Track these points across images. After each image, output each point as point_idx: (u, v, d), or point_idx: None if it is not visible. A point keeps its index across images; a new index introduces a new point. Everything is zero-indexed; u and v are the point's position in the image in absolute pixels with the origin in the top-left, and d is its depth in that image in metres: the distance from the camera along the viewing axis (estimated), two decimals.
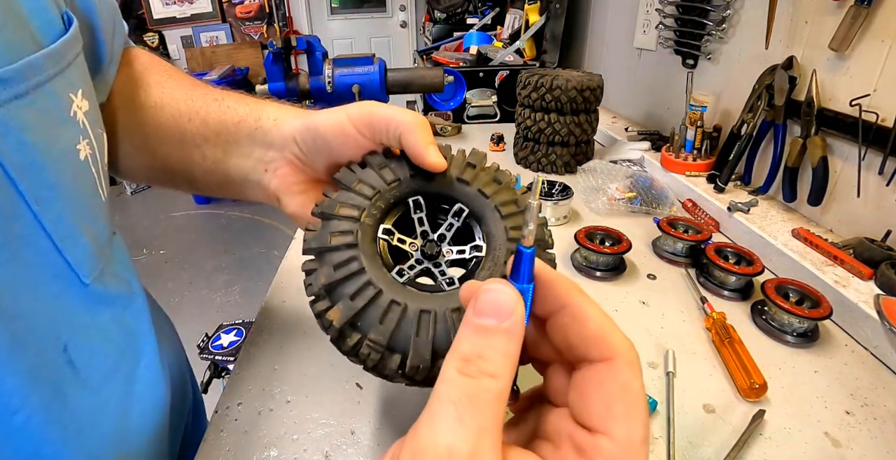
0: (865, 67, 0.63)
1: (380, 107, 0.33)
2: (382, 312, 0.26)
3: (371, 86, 1.09)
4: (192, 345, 1.58)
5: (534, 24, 1.79)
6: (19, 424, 0.24)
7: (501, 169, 0.33)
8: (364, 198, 0.30)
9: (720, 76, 0.94)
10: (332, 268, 0.27)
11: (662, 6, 1.06)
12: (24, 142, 0.24)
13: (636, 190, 0.86)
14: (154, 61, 0.44)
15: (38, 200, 0.24)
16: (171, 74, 0.43)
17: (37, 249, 0.25)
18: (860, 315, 0.53)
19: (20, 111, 0.24)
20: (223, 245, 2.91)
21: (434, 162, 0.29)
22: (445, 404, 0.16)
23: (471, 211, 0.31)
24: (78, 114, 0.28)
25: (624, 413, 0.18)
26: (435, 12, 2.98)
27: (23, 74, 0.24)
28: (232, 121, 0.38)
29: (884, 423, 0.43)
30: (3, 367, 0.23)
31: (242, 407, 0.44)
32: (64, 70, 0.27)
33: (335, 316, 0.26)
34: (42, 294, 0.26)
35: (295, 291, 0.61)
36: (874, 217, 0.64)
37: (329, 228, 0.28)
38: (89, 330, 0.29)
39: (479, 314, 0.18)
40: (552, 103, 0.94)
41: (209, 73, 3.57)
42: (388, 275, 0.28)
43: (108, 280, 0.31)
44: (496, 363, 0.17)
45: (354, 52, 1.20)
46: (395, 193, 0.30)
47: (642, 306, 0.59)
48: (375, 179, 0.30)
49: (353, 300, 0.26)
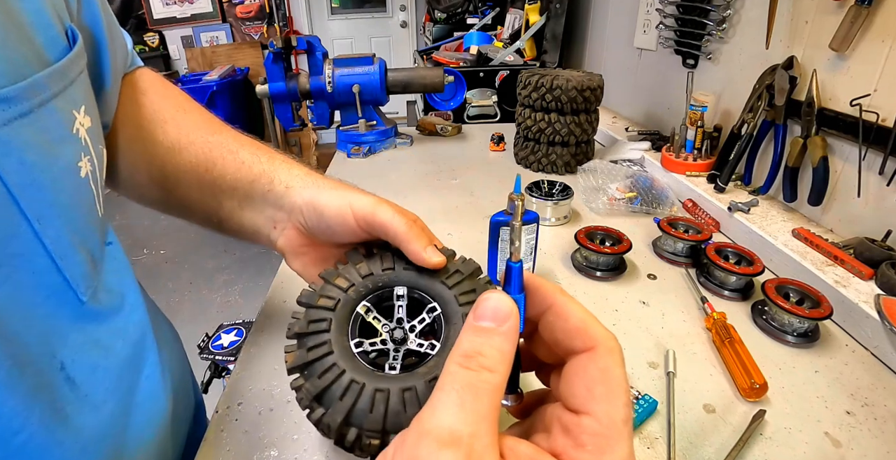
0: (866, 67, 0.63)
1: (380, 207, 0.35)
2: (343, 390, 0.29)
3: (371, 86, 1.10)
4: (192, 344, 1.58)
5: (534, 24, 1.79)
6: (19, 445, 0.24)
7: (484, 282, 0.36)
8: (348, 284, 0.33)
9: (720, 76, 0.94)
10: (306, 351, 0.31)
11: (663, 6, 1.06)
12: (25, 161, 0.23)
13: (636, 190, 0.86)
14: (165, 88, 0.45)
15: (40, 218, 0.24)
16: (185, 108, 0.44)
17: (34, 268, 0.25)
18: (860, 315, 0.53)
19: (23, 130, 0.23)
20: (223, 245, 2.91)
21: (434, 262, 0.32)
22: (448, 392, 0.18)
23: (442, 312, 0.34)
24: (80, 131, 0.28)
25: (605, 394, 0.20)
26: (435, 12, 2.98)
27: (27, 93, 0.24)
28: (247, 179, 0.40)
29: (884, 423, 0.43)
30: (3, 389, 0.23)
31: (243, 407, 0.44)
32: (67, 87, 0.27)
33: (304, 391, 0.30)
34: (37, 313, 0.25)
35: (295, 291, 0.61)
36: (874, 217, 0.64)
37: (307, 317, 0.32)
38: (87, 346, 0.29)
39: (478, 318, 0.20)
40: (552, 103, 0.94)
41: (209, 73, 3.57)
42: (350, 348, 0.32)
43: (103, 295, 0.31)
44: (493, 358, 0.19)
45: (355, 52, 1.20)
46: (385, 278, 0.34)
47: (643, 306, 0.59)
48: (353, 274, 0.34)
49: (320, 378, 0.30)
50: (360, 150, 1.14)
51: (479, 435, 0.17)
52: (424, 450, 0.16)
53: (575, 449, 0.19)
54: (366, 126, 1.15)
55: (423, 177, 1.01)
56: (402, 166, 1.09)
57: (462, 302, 0.34)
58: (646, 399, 0.44)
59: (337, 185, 0.39)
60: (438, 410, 0.18)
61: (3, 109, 0.22)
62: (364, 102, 1.12)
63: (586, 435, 0.19)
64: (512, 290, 0.22)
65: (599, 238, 0.67)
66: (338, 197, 0.37)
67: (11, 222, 0.23)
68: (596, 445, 0.19)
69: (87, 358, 0.29)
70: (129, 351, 0.34)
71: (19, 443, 0.24)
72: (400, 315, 0.34)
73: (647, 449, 0.40)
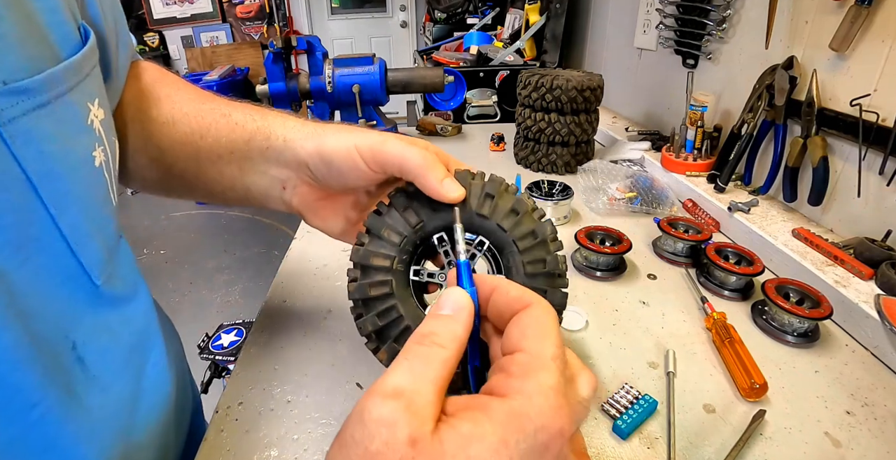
0: (866, 67, 0.63)
1: (387, 142, 0.34)
2: (399, 333, 0.32)
3: (371, 86, 1.09)
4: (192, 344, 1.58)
5: (534, 24, 1.79)
6: (35, 419, 0.25)
7: (517, 194, 0.35)
8: (392, 246, 0.33)
9: (720, 76, 0.94)
10: (377, 317, 0.33)
11: (663, 6, 1.06)
12: (44, 151, 0.25)
13: (636, 190, 0.86)
14: (161, 73, 0.45)
15: (57, 205, 0.26)
16: (179, 86, 0.43)
17: (52, 252, 0.26)
18: (860, 315, 0.53)
19: (41, 120, 0.25)
20: (223, 245, 2.91)
21: (453, 197, 0.32)
22: (401, 361, 0.21)
23: (491, 242, 0.34)
24: (94, 122, 0.30)
25: (535, 334, 0.22)
26: (435, 12, 2.98)
27: (45, 86, 0.25)
28: (242, 140, 0.39)
29: (884, 423, 0.43)
30: (22, 364, 0.24)
31: (243, 407, 0.44)
32: (81, 81, 0.28)
33: (384, 356, 0.33)
34: (54, 294, 0.27)
35: (295, 291, 0.61)
36: (874, 217, 0.64)
37: (367, 278, 0.33)
38: (98, 329, 0.30)
39: (439, 308, 0.24)
40: (552, 103, 0.94)
41: (209, 73, 3.57)
42: (420, 312, 0.33)
43: (116, 282, 0.32)
44: (445, 338, 0.22)
45: (355, 52, 1.20)
46: (421, 235, 0.34)
47: (643, 306, 0.59)
48: (402, 225, 0.33)
49: (396, 342, 0.32)
50: None
51: (421, 393, 0.19)
52: (370, 403, 0.19)
53: (505, 380, 0.21)
54: (366, 126, 1.15)
55: None
56: None
57: (507, 227, 0.33)
58: (646, 399, 0.44)
59: (339, 129, 0.37)
60: (389, 374, 0.20)
61: (23, 100, 0.24)
62: (364, 102, 1.12)
63: (515, 365, 0.21)
64: (464, 284, 0.26)
65: (599, 238, 0.67)
66: (341, 140, 0.36)
67: (30, 208, 0.25)
68: (522, 371, 0.21)
69: (97, 341, 0.30)
70: (136, 338, 0.35)
71: (36, 417, 0.25)
72: (449, 258, 0.34)
73: (647, 449, 0.40)
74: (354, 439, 0.19)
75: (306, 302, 0.59)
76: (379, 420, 0.18)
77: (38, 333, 0.26)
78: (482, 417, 0.19)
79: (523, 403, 0.20)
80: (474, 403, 0.20)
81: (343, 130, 0.37)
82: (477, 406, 0.20)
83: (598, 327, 0.55)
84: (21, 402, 0.25)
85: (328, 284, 0.62)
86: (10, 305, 0.24)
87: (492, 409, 0.20)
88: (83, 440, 0.28)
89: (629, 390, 0.45)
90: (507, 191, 0.34)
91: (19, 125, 0.24)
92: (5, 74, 0.23)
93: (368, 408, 0.19)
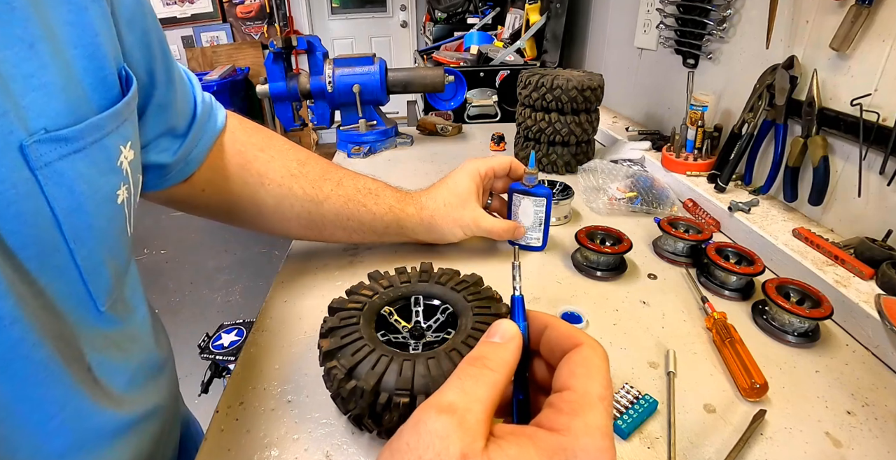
0: (867, 67, 0.63)
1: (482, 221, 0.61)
2: (374, 362, 0.36)
3: (372, 85, 1.10)
4: (192, 344, 1.58)
5: (534, 23, 1.79)
6: (54, 428, 0.27)
7: (486, 285, 0.46)
8: (373, 292, 0.44)
9: (721, 76, 0.94)
10: (339, 338, 0.38)
11: (663, 6, 1.05)
12: (74, 190, 0.26)
13: (637, 189, 0.86)
14: (288, 146, 0.58)
15: (76, 239, 0.27)
16: (304, 162, 0.57)
17: (67, 280, 0.28)
18: (861, 315, 0.53)
19: (76, 163, 0.26)
20: (224, 244, 2.91)
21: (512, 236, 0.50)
22: (454, 380, 0.22)
23: (454, 309, 0.42)
24: (124, 163, 0.31)
25: (584, 373, 0.23)
26: (435, 12, 2.97)
27: (85, 133, 0.26)
28: (382, 226, 0.60)
29: (885, 423, 0.43)
30: (50, 378, 0.26)
31: (244, 407, 0.44)
32: (120, 125, 0.30)
33: (338, 368, 0.36)
34: (67, 318, 0.28)
35: (296, 291, 0.61)
36: (875, 217, 0.64)
37: (339, 316, 0.41)
38: (106, 347, 0.32)
39: (488, 335, 0.25)
40: (553, 103, 0.94)
41: (210, 73, 3.57)
42: (377, 338, 0.39)
43: (119, 306, 0.34)
44: (496, 362, 0.23)
45: (355, 52, 1.20)
46: (405, 290, 0.44)
47: (643, 306, 0.59)
48: (387, 282, 0.45)
49: (353, 356, 0.36)
50: (361, 150, 1.14)
51: (472, 411, 0.21)
52: (426, 415, 0.21)
53: (554, 415, 0.22)
54: (366, 126, 1.15)
55: (424, 176, 1.01)
56: (402, 166, 1.09)
57: (470, 299, 0.41)
58: (646, 399, 0.44)
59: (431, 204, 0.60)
60: (444, 391, 0.22)
61: (62, 146, 0.25)
62: (364, 102, 1.12)
63: (564, 402, 0.22)
64: (517, 319, 0.27)
65: (600, 238, 0.67)
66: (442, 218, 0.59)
67: (53, 241, 0.26)
68: (571, 408, 0.21)
69: (106, 358, 0.32)
70: (142, 355, 0.37)
71: (54, 427, 0.28)
72: (418, 318, 0.42)
73: (647, 449, 0.40)
74: (409, 447, 0.20)
75: (307, 301, 0.59)
76: (433, 432, 0.20)
77: (61, 350, 0.27)
78: (529, 444, 0.20)
79: (571, 440, 0.20)
80: (521, 431, 0.21)
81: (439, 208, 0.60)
82: (524, 434, 0.21)
83: (599, 327, 0.55)
84: (41, 414, 0.26)
85: (329, 284, 0.62)
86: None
87: (539, 439, 0.21)
88: (87, 449, 0.30)
89: (629, 390, 0.45)
90: (481, 285, 0.46)
91: (55, 168, 0.25)
92: (47, 121, 0.24)
93: (424, 420, 0.20)
